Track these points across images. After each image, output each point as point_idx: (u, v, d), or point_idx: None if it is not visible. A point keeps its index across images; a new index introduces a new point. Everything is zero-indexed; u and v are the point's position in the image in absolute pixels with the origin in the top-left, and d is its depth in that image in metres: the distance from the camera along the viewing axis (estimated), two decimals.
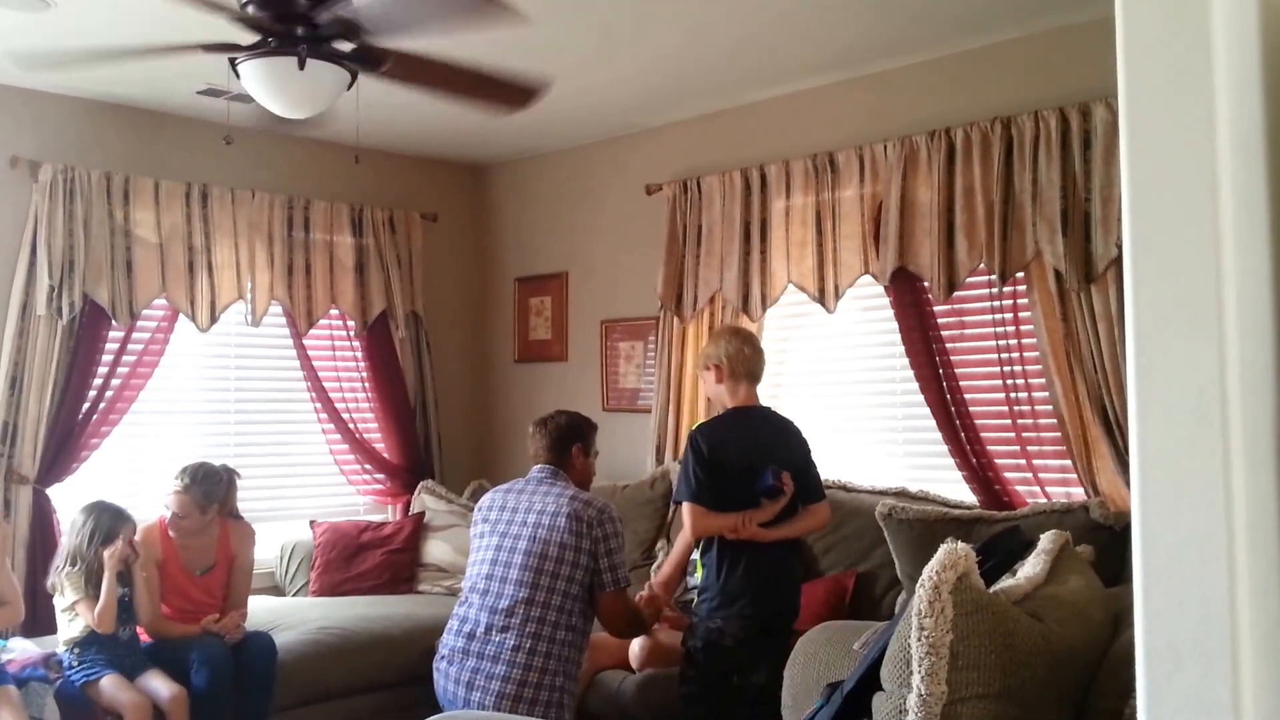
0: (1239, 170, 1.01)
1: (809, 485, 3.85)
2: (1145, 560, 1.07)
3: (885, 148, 4.79)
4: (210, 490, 4.58)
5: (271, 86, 3.69)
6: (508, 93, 3.97)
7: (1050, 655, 2.14)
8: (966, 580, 2.09)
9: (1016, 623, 2.13)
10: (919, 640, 2.03)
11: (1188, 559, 1.04)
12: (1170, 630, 1.05)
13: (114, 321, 5.25)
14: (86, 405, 5.18)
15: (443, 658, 3.78)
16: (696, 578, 4.69)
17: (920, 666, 2.02)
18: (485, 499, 4.01)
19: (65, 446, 5.10)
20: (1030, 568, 2.50)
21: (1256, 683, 1.00)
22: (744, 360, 3.89)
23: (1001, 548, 2.65)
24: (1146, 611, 1.07)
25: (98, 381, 5.23)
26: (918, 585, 2.09)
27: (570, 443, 3.96)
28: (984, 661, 2.03)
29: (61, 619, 4.24)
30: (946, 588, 2.05)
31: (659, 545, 5.30)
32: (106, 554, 4.18)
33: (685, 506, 3.74)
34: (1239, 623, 1.01)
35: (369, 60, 3.75)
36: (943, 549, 2.13)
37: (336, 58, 3.68)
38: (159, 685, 4.15)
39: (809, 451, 3.94)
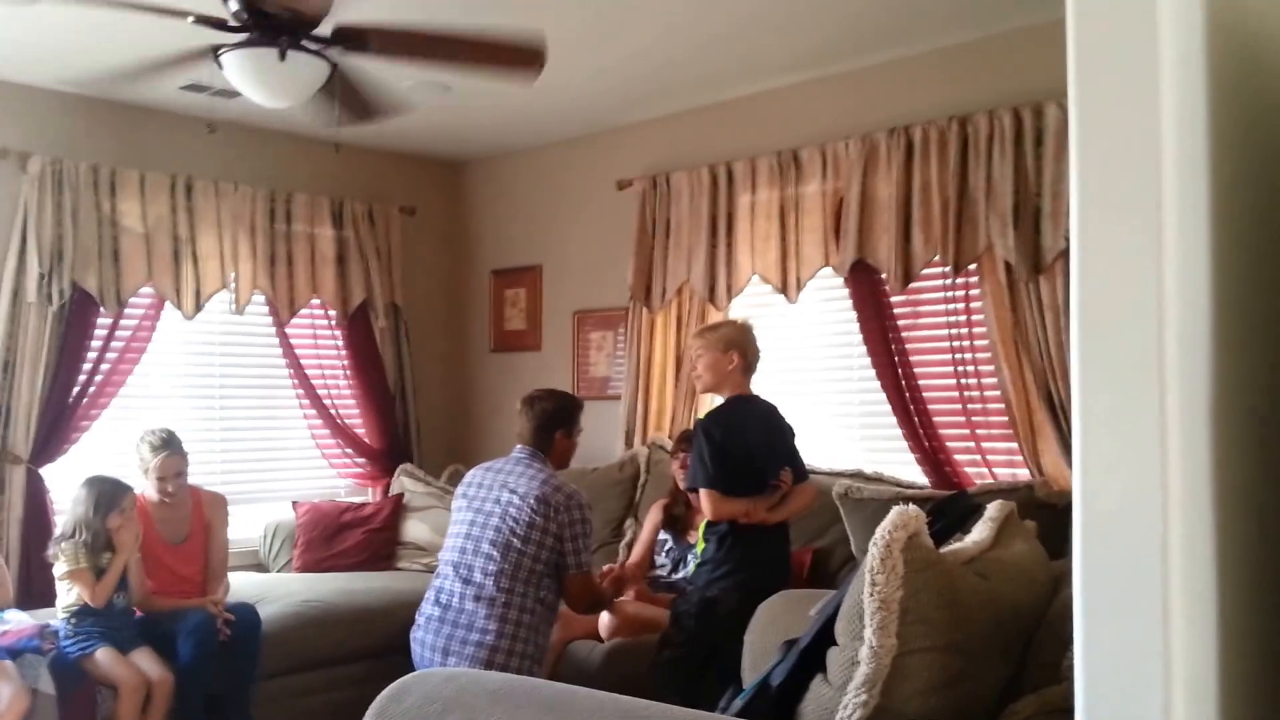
0: (1182, 160, 1.10)
1: (798, 468, 3.98)
2: (1085, 517, 1.14)
3: (847, 145, 4.92)
4: (181, 446, 4.68)
5: (253, 77, 3.78)
6: (508, 55, 3.92)
7: (994, 610, 2.23)
8: (917, 540, 2.14)
9: (963, 580, 2.21)
10: (871, 595, 2.08)
11: (1124, 516, 1.11)
12: (1106, 583, 1.12)
13: (102, 308, 5.35)
14: (76, 389, 5.28)
15: (419, 626, 3.98)
16: (664, 557, 4.89)
17: (872, 620, 2.07)
18: (467, 475, 4.18)
19: (57, 428, 5.21)
20: (977, 534, 2.60)
21: (1188, 633, 1.08)
22: (756, 355, 4.02)
23: (951, 511, 2.75)
24: (1085, 565, 1.14)
25: (87, 366, 5.33)
26: (870, 544, 2.14)
27: (553, 429, 4.12)
28: (932, 616, 2.10)
29: (60, 587, 4.31)
30: (898, 546, 2.10)
31: (627, 523, 5.46)
32: (115, 525, 4.28)
33: (703, 492, 3.82)
34: (1170, 576, 1.08)
35: (354, 43, 3.79)
36: (895, 510, 2.17)
37: (318, 48, 3.76)
38: (148, 666, 4.21)
39: (795, 437, 4.07)
